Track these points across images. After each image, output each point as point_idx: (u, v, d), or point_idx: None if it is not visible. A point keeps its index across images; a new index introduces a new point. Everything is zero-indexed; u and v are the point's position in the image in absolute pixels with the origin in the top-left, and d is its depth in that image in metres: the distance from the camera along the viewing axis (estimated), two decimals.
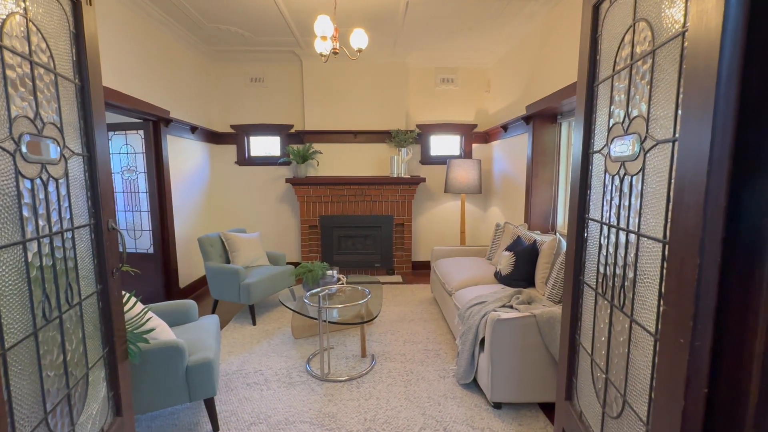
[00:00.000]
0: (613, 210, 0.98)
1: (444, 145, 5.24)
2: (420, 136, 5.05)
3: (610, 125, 1.01)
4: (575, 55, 2.96)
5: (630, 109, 0.91)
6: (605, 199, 1.04)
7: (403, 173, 4.82)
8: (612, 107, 1.01)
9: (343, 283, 3.22)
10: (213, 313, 3.72)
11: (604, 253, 1.03)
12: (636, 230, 0.87)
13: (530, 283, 2.90)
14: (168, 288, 3.92)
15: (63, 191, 0.96)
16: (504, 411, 2.18)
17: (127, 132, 3.81)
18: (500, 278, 3.03)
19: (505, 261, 3.01)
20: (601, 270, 1.05)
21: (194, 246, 4.44)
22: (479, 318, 2.34)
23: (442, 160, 5.14)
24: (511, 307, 2.40)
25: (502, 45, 4.41)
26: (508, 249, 3.09)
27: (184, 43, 4.18)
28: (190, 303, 2.47)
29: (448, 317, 3.28)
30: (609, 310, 0.99)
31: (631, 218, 0.90)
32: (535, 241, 2.94)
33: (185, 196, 4.25)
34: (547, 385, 2.15)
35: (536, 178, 3.80)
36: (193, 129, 4.35)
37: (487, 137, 5.13)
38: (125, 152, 3.85)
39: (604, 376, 1.01)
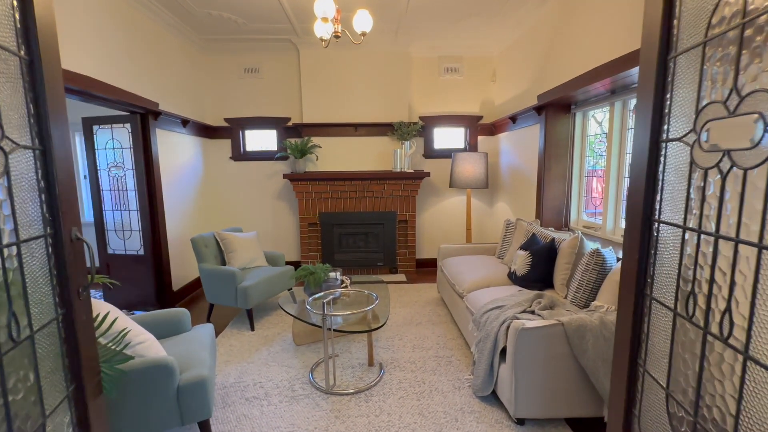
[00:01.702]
0: (710, 212, 0.78)
1: (448, 137, 5.03)
2: (423, 128, 4.83)
3: (701, 106, 0.80)
4: (596, 39, 2.74)
5: (740, 83, 0.70)
6: (691, 199, 0.83)
7: (406, 167, 4.61)
8: (704, 82, 0.80)
9: (347, 286, 3.02)
10: (208, 318, 3.51)
11: (691, 267, 0.83)
12: (757, 242, 0.66)
13: (548, 284, 2.71)
14: (160, 291, 3.70)
15: (0, 195, 0.74)
16: (528, 427, 2.00)
17: (114, 126, 3.56)
18: (515, 279, 2.84)
19: (520, 261, 2.81)
20: (685, 287, 0.84)
21: (188, 246, 4.21)
22: (498, 325, 2.15)
23: (447, 154, 4.93)
24: (532, 312, 2.21)
25: (510, 31, 4.18)
26: (523, 248, 2.90)
27: (173, 31, 3.92)
28: (181, 312, 2.26)
29: (458, 320, 3.09)
30: (701, 339, 0.79)
31: (742, 225, 0.69)
32: (553, 239, 2.74)
33: (177, 193, 4.02)
34: (575, 400, 1.97)
35: (549, 172, 3.60)
36: (185, 122, 4.10)
37: (493, 129, 4.92)
38: (111, 147, 3.60)
39: (691, 419, 0.81)
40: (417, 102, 4.85)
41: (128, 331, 1.57)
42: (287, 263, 4.99)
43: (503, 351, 2.08)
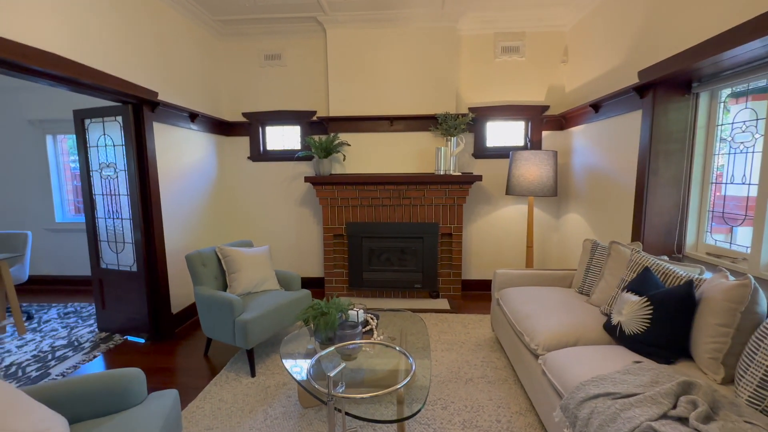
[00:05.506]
0: None
1: (505, 133, 4.10)
2: (474, 121, 3.95)
3: None
4: None
5: None
6: None
7: (451, 169, 3.75)
8: None
9: (372, 328, 2.23)
10: (206, 353, 2.86)
11: None
12: None
13: (681, 352, 1.74)
14: (155, 315, 3.11)
15: None
16: None
17: (105, 119, 3.02)
18: (621, 338, 1.89)
19: (630, 310, 1.87)
20: None
21: None
22: None
23: (503, 153, 4.01)
24: (680, 420, 1.29)
25: None
26: (632, 290, 1.95)
27: (181, 9, 3.34)
28: (130, 375, 1.56)
29: (525, 381, 2.19)
30: None
31: None
32: (690, 282, 1.76)
33: (182, 199, 3.43)
34: None
35: (655, 176, 2.60)
36: (193, 116, 3.52)
37: (563, 122, 3.93)
38: (103, 144, 3.07)
39: None
40: (466, 90, 3.98)
41: None
42: (310, 281, 4.31)
43: None
